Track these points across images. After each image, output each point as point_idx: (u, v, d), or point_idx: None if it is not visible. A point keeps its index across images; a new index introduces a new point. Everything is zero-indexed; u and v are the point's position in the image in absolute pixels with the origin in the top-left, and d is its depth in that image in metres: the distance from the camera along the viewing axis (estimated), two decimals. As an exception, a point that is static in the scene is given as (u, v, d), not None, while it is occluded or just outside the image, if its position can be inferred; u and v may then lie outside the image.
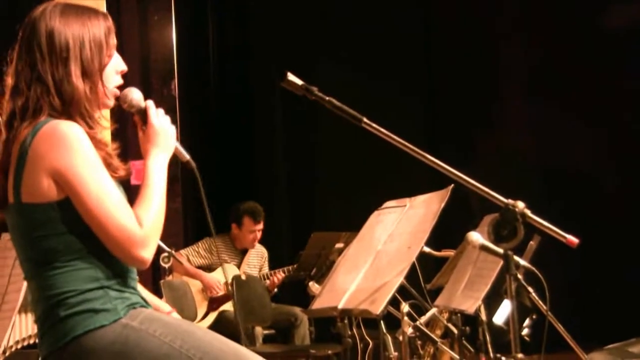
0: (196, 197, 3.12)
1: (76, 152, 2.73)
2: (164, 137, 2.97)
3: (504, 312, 5.26)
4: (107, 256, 2.80)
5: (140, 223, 2.77)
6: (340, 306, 3.73)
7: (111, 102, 2.98)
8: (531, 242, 5.36)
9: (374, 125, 3.05)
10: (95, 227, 2.75)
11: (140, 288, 3.01)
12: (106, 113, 3.07)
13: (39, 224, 2.78)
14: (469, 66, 9.48)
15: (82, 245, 2.78)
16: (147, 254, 2.79)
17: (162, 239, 2.95)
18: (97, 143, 2.83)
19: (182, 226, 9.61)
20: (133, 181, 5.09)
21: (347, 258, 4.09)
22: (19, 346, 4.85)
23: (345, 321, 4.23)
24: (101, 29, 2.94)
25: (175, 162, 3.05)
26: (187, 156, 3.12)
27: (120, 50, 3.01)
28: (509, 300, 3.10)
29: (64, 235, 2.77)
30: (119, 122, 3.18)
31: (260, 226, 8.32)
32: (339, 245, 6.97)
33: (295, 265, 7.91)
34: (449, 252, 6.03)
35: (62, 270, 2.78)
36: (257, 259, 8.50)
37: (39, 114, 2.81)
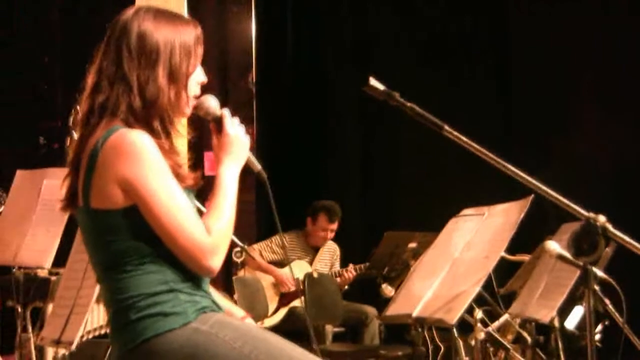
0: (270, 185, 3.12)
1: (145, 162, 2.72)
2: (237, 147, 2.97)
3: (576, 317, 5.21)
4: (178, 260, 2.79)
5: (209, 232, 2.76)
6: (415, 314, 3.70)
7: (189, 111, 2.98)
8: (607, 249, 5.29)
9: (455, 133, 3.00)
10: (163, 236, 2.74)
11: (213, 292, 3.00)
12: (183, 121, 3.07)
13: (107, 229, 2.78)
14: (546, 69, 9.36)
15: (152, 249, 2.77)
16: (215, 262, 2.78)
17: (235, 231, 2.95)
18: (165, 152, 2.81)
19: (255, 219, 9.63)
20: (207, 172, 5.10)
21: (423, 264, 4.05)
22: (91, 336, 4.88)
23: (419, 329, 4.20)
24: (191, 36, 2.93)
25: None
26: (258, 166, 3.12)
27: None
28: (587, 316, 3.05)
29: (133, 240, 2.77)
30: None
31: (334, 226, 8.32)
32: (412, 245, 6.93)
33: (367, 264, 7.88)
34: (524, 257, 5.97)
35: (131, 274, 2.78)
36: (328, 256, 8.48)
37: (117, 114, 2.80)
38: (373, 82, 3.05)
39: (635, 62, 8.84)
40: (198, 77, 2.96)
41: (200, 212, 2.88)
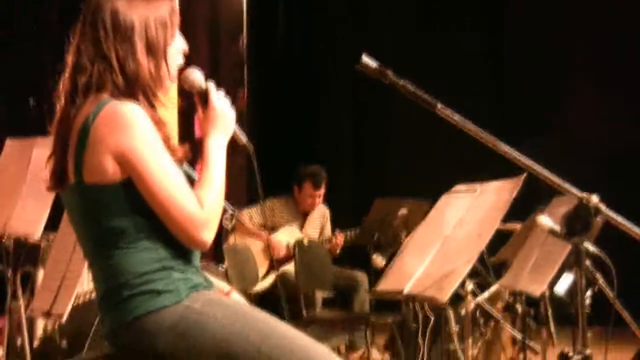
0: (260, 153, 3.13)
1: (138, 134, 2.72)
2: (223, 119, 2.96)
3: (565, 283, 5.22)
4: (170, 236, 2.78)
5: (201, 204, 2.76)
6: (405, 291, 3.70)
7: (168, 85, 2.96)
8: (597, 219, 5.29)
9: (447, 111, 2.99)
10: (156, 208, 2.74)
11: None
12: (173, 93, 3.05)
13: (100, 204, 2.77)
14: (542, 51, 9.34)
15: (145, 225, 2.77)
16: (208, 235, 2.78)
17: (226, 195, 2.95)
18: (156, 123, 2.80)
19: (246, 183, 9.62)
20: (197, 135, 5.07)
21: (415, 240, 4.05)
22: (81, 300, 4.87)
23: (411, 306, 4.21)
24: (165, 8, 2.91)
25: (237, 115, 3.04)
26: (244, 139, 3.12)
27: (189, 5, 2.98)
28: (579, 294, 3.06)
29: (126, 216, 2.76)
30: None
31: (321, 192, 8.27)
32: (403, 211, 6.93)
33: (357, 230, 7.87)
34: (515, 225, 5.97)
35: (124, 252, 2.78)
36: (319, 219, 8.45)
37: (102, 91, 2.79)
38: (366, 59, 3.02)
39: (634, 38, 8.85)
40: (179, 45, 2.95)
41: (193, 181, 2.88)
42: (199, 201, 2.76)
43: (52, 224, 5.03)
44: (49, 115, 2.91)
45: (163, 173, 2.72)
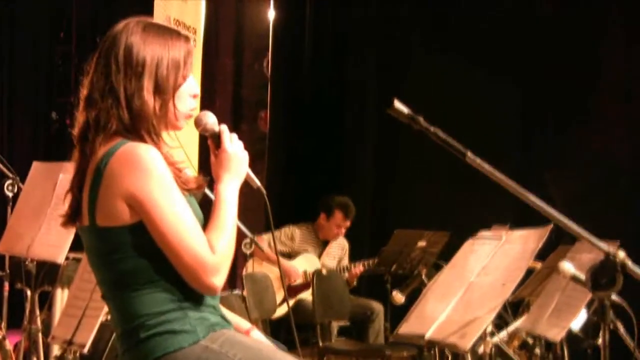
0: (280, 173, 3.12)
1: (151, 176, 2.71)
2: (236, 163, 2.95)
3: (580, 319, 5.21)
4: None
5: (212, 249, 2.74)
6: (427, 336, 3.69)
7: (182, 124, 2.96)
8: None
9: (477, 161, 2.99)
10: (167, 251, 2.72)
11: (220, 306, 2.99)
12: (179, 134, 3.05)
13: (115, 246, 2.76)
14: (570, 60, 9.31)
15: (159, 266, 2.75)
16: (218, 281, 2.76)
17: (245, 219, 2.93)
18: (166, 159, 2.80)
19: (264, 203, 9.60)
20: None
21: (438, 284, 4.04)
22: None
23: (432, 351, 4.20)
24: (181, 50, 2.91)
25: (258, 139, 3.03)
26: (257, 183, 3.10)
27: (216, 20, 2.99)
28: (602, 349, 3.05)
29: (140, 257, 2.75)
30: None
31: (349, 224, 8.33)
32: (422, 243, 6.94)
33: (375, 260, 7.87)
34: (536, 264, 5.96)
35: (139, 293, 2.77)
36: (337, 250, 8.49)
37: (110, 128, 2.79)
38: (397, 104, 3.02)
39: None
40: (190, 89, 2.95)
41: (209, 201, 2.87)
42: (210, 246, 2.75)
43: (74, 243, 5.03)
44: (70, 128, 2.94)
45: (175, 217, 2.71)
